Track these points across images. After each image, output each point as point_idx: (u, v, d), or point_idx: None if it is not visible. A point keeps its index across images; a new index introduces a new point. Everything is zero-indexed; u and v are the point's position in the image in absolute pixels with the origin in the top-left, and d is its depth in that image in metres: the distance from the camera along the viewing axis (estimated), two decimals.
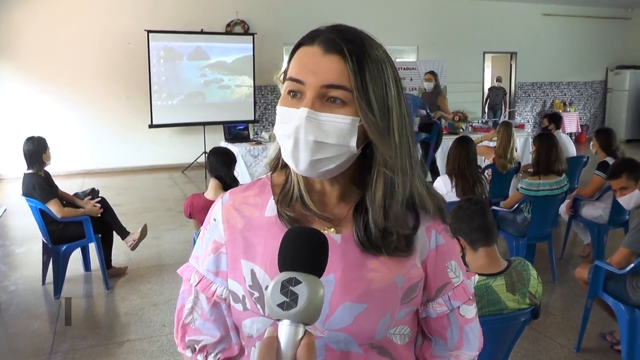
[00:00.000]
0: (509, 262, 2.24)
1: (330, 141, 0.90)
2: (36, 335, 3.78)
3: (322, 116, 0.90)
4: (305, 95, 0.91)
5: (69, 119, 9.76)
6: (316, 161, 0.91)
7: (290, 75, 0.93)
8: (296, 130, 0.89)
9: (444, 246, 1.04)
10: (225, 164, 3.75)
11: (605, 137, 5.12)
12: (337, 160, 0.92)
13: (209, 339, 1.05)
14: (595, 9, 14.11)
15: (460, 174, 4.21)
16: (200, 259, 1.06)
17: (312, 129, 0.89)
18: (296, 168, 0.93)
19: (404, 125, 0.95)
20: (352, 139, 0.91)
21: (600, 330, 3.68)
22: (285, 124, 0.92)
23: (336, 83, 0.89)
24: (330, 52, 0.90)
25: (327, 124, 0.90)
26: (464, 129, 9.19)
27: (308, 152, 0.90)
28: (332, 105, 0.90)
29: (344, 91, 0.90)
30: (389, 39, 11.68)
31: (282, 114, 0.93)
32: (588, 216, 4.92)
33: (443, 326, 1.06)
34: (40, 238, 4.50)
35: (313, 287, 0.73)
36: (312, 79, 0.90)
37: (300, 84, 0.91)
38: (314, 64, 0.91)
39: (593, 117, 14.94)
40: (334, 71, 0.90)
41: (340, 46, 0.90)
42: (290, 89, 0.93)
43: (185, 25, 10.02)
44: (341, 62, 0.90)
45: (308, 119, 0.89)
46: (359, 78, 0.90)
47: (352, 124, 0.91)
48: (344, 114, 0.90)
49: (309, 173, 0.94)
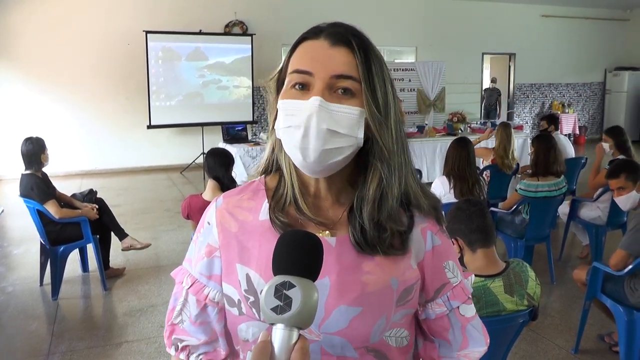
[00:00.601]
0: (507, 263, 2.23)
1: (342, 131, 0.90)
2: (34, 336, 3.77)
3: (332, 106, 0.90)
4: (314, 86, 0.90)
5: (67, 120, 9.75)
6: (328, 151, 0.90)
7: (296, 67, 0.92)
8: (308, 118, 0.88)
9: (440, 247, 1.04)
10: (223, 165, 3.75)
11: (619, 135, 5.11)
12: (346, 152, 0.92)
13: (194, 341, 1.05)
14: (594, 10, 14.13)
15: (458, 175, 4.21)
16: (193, 262, 1.05)
17: (324, 118, 0.89)
18: (304, 160, 0.91)
19: (398, 124, 0.97)
20: (359, 131, 0.92)
21: (598, 332, 3.68)
22: (292, 116, 0.91)
23: (345, 73, 0.90)
24: (337, 45, 0.91)
25: (337, 114, 0.90)
26: (462, 130, 9.19)
27: (320, 141, 0.89)
28: (341, 96, 0.91)
29: (353, 82, 0.90)
30: (388, 39, 11.75)
31: (288, 107, 0.92)
32: (586, 217, 4.93)
33: (444, 327, 1.05)
34: (38, 239, 4.49)
35: (307, 290, 0.73)
36: (322, 69, 0.90)
37: (308, 75, 0.91)
38: (323, 55, 0.91)
39: (592, 119, 14.96)
40: (342, 62, 0.91)
41: (347, 39, 0.92)
42: (296, 82, 0.92)
43: (183, 26, 10.03)
44: (349, 54, 0.91)
45: (320, 107, 0.88)
46: (366, 70, 0.91)
47: (360, 115, 0.91)
48: (353, 104, 0.91)
49: (316, 166, 0.91)
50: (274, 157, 1.04)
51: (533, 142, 4.69)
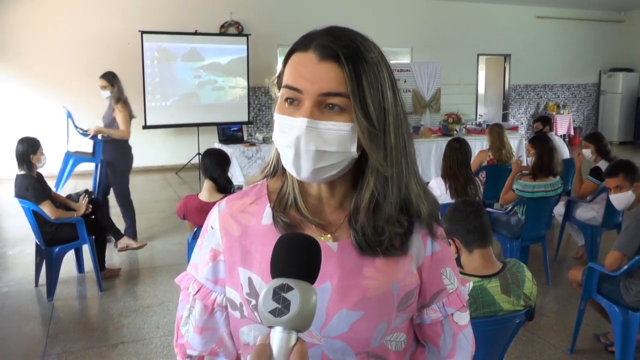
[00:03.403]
0: (504, 263, 2.24)
1: (331, 149, 0.89)
2: (29, 337, 3.76)
3: (321, 124, 0.89)
4: (303, 104, 0.89)
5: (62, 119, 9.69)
6: (318, 169, 0.91)
7: (287, 83, 0.92)
8: (297, 140, 0.88)
9: (439, 253, 1.04)
10: (220, 165, 3.74)
11: (599, 140, 5.17)
12: (338, 167, 0.92)
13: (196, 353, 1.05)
14: (589, 12, 14.18)
15: (451, 175, 4.23)
16: (199, 267, 1.05)
17: (312, 139, 0.88)
18: (298, 176, 0.93)
19: (400, 126, 0.95)
20: (352, 145, 0.91)
21: (594, 332, 3.70)
22: (284, 134, 0.91)
23: (334, 91, 0.88)
24: (326, 59, 0.89)
25: (327, 132, 0.89)
26: (457, 130, 9.21)
27: (310, 162, 0.89)
28: (331, 112, 0.89)
29: (342, 98, 0.89)
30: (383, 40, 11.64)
31: (280, 122, 0.92)
32: (582, 218, 4.95)
33: (436, 333, 1.06)
34: (33, 240, 4.48)
35: (305, 293, 0.73)
36: (310, 87, 0.89)
37: (297, 92, 0.90)
38: (310, 72, 0.89)
39: (586, 120, 15.00)
40: (331, 79, 0.88)
41: (336, 52, 0.88)
42: (287, 97, 0.92)
43: (179, 26, 10.00)
44: (338, 69, 0.88)
45: (308, 129, 0.88)
46: (356, 84, 0.88)
47: (352, 130, 0.90)
48: (343, 120, 0.89)
49: (311, 180, 0.94)
50: (278, 160, 1.03)
51: (533, 145, 4.68)
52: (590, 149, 5.14)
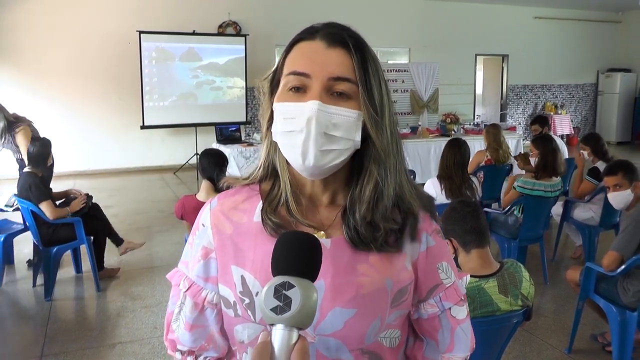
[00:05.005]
0: (502, 263, 2.24)
1: (339, 134, 0.90)
2: (27, 337, 3.76)
3: (331, 108, 0.89)
4: (311, 89, 0.90)
5: (60, 120, 9.69)
6: (326, 154, 0.90)
7: (293, 69, 0.92)
8: (308, 122, 0.88)
9: (434, 247, 1.04)
10: (217, 165, 3.74)
11: (596, 141, 5.17)
12: (344, 154, 0.92)
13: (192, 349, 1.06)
14: (587, 12, 14.20)
15: (446, 175, 4.23)
16: (190, 264, 1.05)
17: (323, 121, 0.88)
18: (303, 163, 0.90)
19: (393, 124, 0.97)
20: (357, 134, 0.92)
21: (591, 332, 3.70)
22: (292, 119, 0.90)
23: (343, 75, 0.90)
24: (334, 46, 0.91)
25: (335, 116, 0.89)
26: (455, 130, 9.22)
27: (319, 145, 0.89)
28: (338, 98, 0.90)
29: (350, 84, 0.90)
30: (381, 41, 11.75)
31: (286, 110, 0.92)
32: (580, 218, 4.96)
33: (434, 328, 1.06)
34: (31, 240, 4.47)
35: (306, 290, 0.73)
36: (319, 71, 0.89)
37: (305, 77, 0.90)
38: (320, 56, 0.90)
39: (584, 120, 15.03)
40: (340, 64, 0.90)
41: (344, 39, 0.91)
42: (293, 85, 0.91)
43: (177, 26, 10.00)
44: (346, 56, 0.90)
45: (320, 111, 0.88)
46: (363, 72, 0.90)
47: (358, 118, 0.91)
48: (350, 107, 0.90)
49: (315, 169, 0.91)
50: (269, 161, 1.02)
51: (536, 145, 4.68)
52: (587, 151, 5.16)
